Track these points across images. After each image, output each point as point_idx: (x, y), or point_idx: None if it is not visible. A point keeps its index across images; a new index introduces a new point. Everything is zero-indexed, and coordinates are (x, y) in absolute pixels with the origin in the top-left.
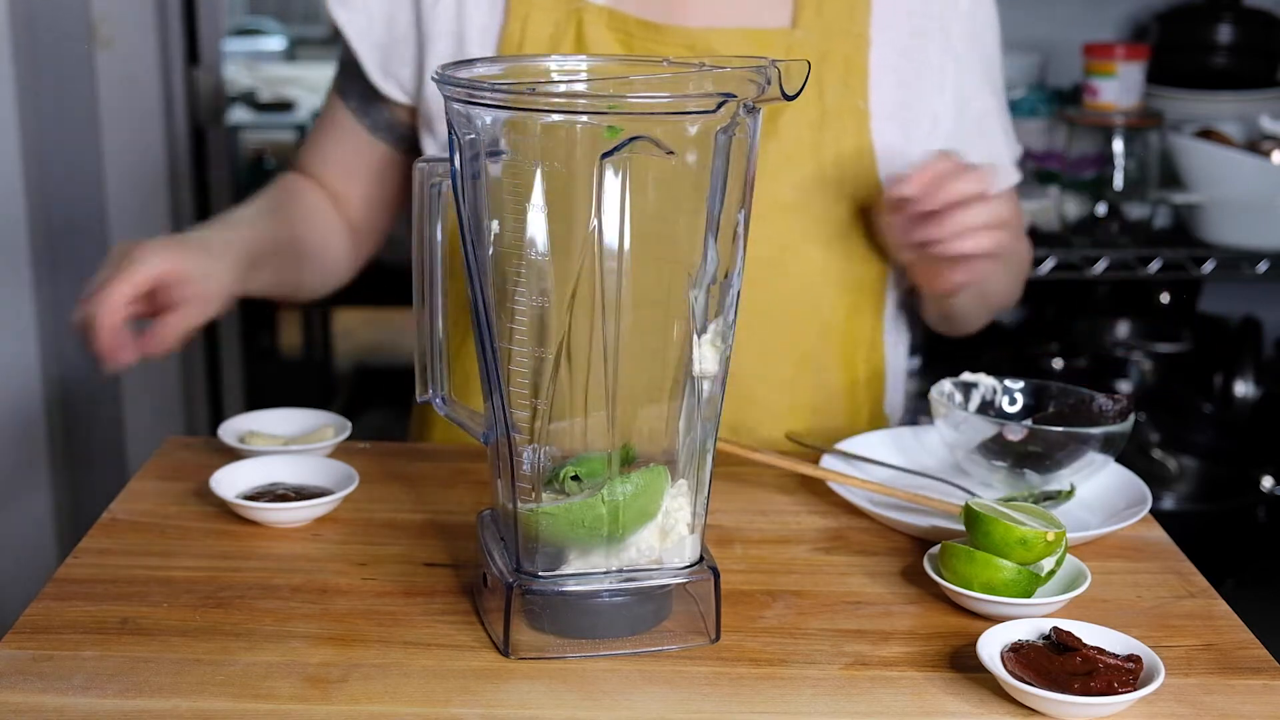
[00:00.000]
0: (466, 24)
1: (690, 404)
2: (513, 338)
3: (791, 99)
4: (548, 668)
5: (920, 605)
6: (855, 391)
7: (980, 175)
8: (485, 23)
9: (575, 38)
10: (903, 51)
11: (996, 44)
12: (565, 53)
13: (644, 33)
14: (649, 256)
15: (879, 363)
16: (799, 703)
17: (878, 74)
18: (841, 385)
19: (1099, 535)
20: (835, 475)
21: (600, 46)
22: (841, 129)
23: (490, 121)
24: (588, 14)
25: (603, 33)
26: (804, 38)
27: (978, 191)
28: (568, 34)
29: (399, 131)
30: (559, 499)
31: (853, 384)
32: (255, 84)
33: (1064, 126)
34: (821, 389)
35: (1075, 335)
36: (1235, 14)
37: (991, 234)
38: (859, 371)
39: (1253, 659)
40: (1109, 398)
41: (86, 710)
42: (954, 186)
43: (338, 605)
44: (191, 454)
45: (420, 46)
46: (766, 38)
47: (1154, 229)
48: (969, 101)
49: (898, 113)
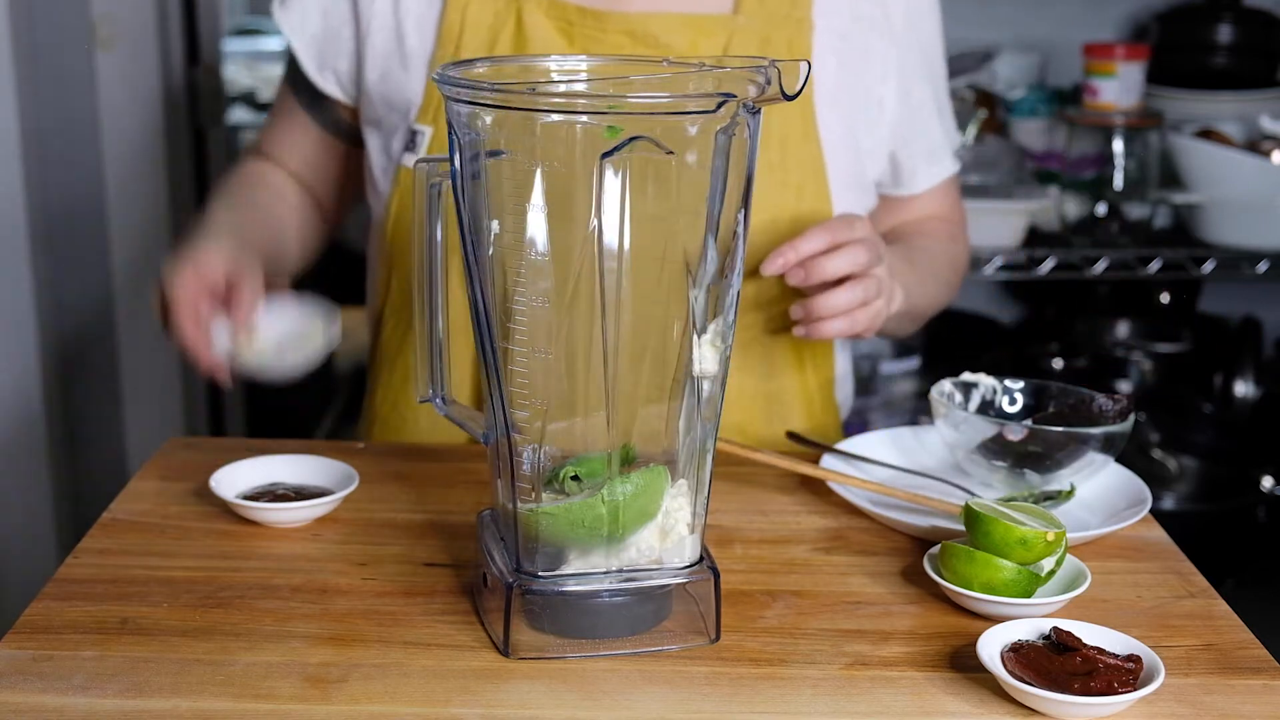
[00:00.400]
0: (403, 15)
1: (690, 404)
2: (513, 338)
3: (791, 99)
4: (548, 668)
5: (920, 605)
6: (807, 389)
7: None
8: (422, 13)
9: (515, 26)
10: (844, 36)
11: (936, 32)
12: (505, 41)
13: (584, 20)
14: (649, 256)
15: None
16: (799, 703)
17: (820, 59)
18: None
19: (1099, 535)
20: (835, 475)
21: (540, 35)
22: (785, 114)
23: (490, 121)
24: (527, 3)
25: (542, 21)
26: (746, 23)
27: (848, 270)
28: (507, 23)
29: (344, 127)
30: (559, 499)
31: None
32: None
33: (1064, 126)
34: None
35: (1075, 335)
36: (1235, 14)
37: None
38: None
39: (1253, 659)
40: (1109, 398)
41: (86, 710)
42: (824, 267)
43: (338, 605)
44: (191, 454)
45: (358, 40)
46: (707, 23)
47: (1154, 229)
48: (909, 90)
49: (841, 98)
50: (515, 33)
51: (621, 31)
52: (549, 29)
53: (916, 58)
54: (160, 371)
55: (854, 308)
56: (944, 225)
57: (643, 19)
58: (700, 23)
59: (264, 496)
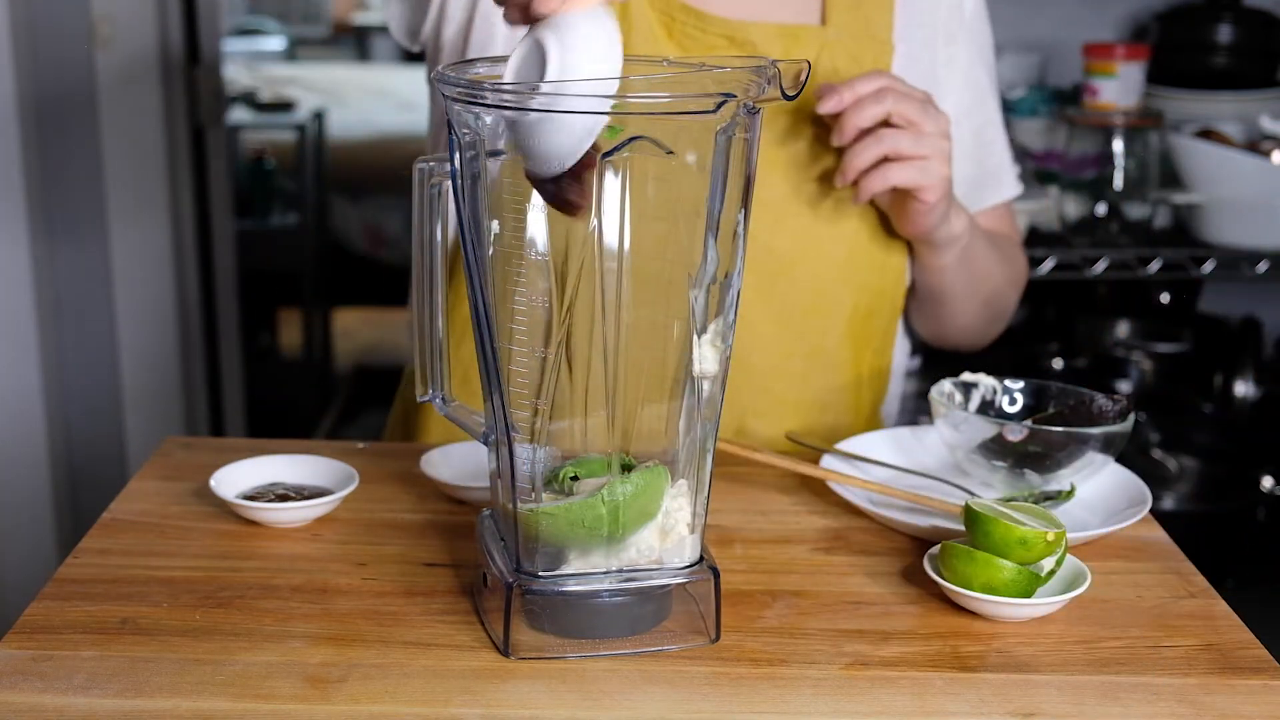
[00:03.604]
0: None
1: (690, 404)
2: (513, 338)
3: (791, 99)
4: (548, 668)
5: (920, 605)
6: (860, 390)
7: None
8: None
9: (620, 12)
10: (916, 60)
11: (993, 55)
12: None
13: (686, 17)
14: (649, 256)
15: (885, 364)
16: (799, 703)
17: None
18: (848, 382)
19: (1099, 535)
20: (835, 475)
21: (644, 24)
22: None
23: (490, 121)
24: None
25: (646, 11)
26: (836, 38)
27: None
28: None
29: None
30: (559, 499)
31: (858, 382)
32: (255, 84)
33: (1064, 126)
34: (830, 386)
35: (1075, 335)
36: (1235, 14)
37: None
38: (864, 370)
39: (1253, 659)
40: (1109, 398)
41: (86, 710)
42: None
43: (338, 605)
44: (191, 454)
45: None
46: (802, 34)
47: (1154, 229)
48: (970, 112)
49: None
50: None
51: (721, 35)
52: (652, 19)
53: (984, 81)
54: (160, 371)
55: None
56: (1006, 241)
57: (743, 26)
58: (795, 33)
59: (264, 496)
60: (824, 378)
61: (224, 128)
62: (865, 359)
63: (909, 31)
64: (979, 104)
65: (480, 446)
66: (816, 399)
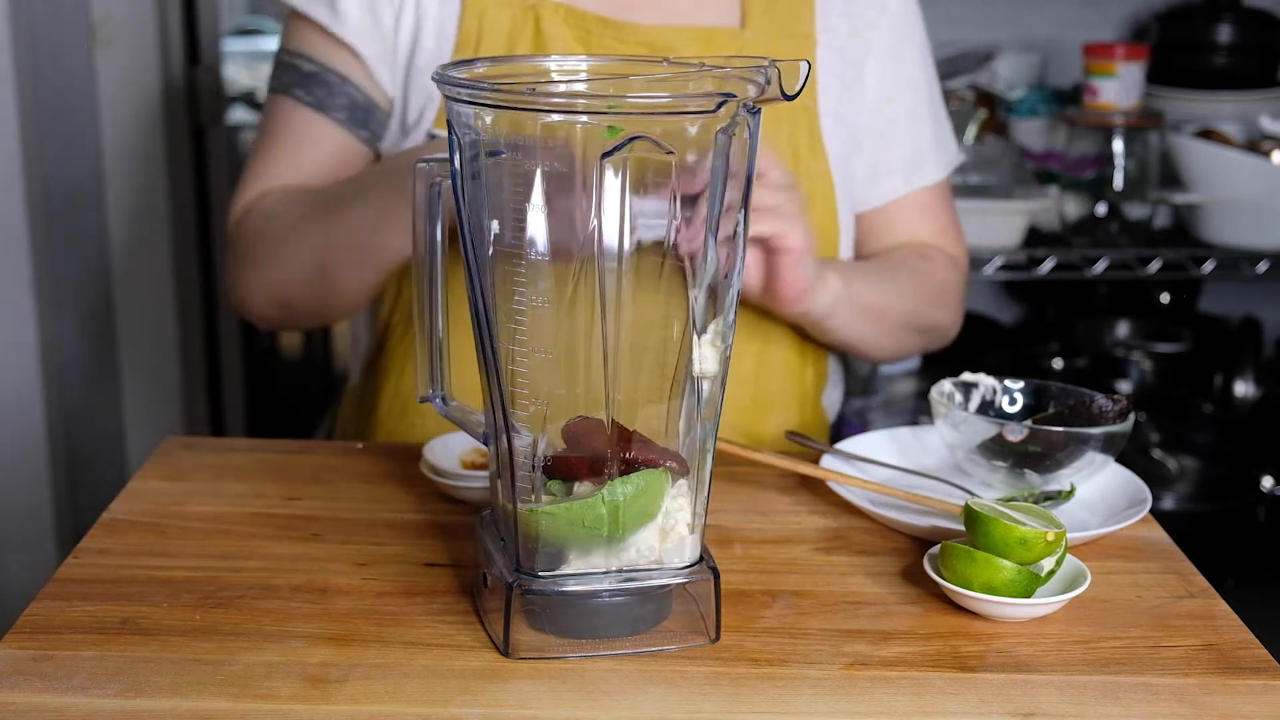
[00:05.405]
0: (423, 18)
1: (690, 404)
2: (513, 338)
3: (791, 99)
4: (548, 668)
5: (920, 605)
6: (804, 391)
7: None
8: (440, 17)
9: (533, 33)
10: (840, 52)
11: (925, 41)
12: (524, 48)
13: (602, 29)
14: (649, 256)
15: (823, 367)
16: (799, 703)
17: (822, 74)
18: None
19: (1099, 535)
20: (835, 475)
21: (558, 42)
22: (794, 125)
23: (490, 121)
24: (545, 10)
25: (560, 29)
26: (754, 38)
27: None
28: (525, 30)
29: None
30: (559, 499)
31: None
32: (255, 84)
33: (1064, 126)
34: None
35: (1075, 335)
36: (1235, 14)
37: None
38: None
39: (1253, 659)
40: (1109, 398)
41: (86, 710)
42: None
43: (338, 605)
44: (191, 454)
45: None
46: (718, 37)
47: (1154, 229)
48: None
49: (839, 111)
50: (534, 39)
51: (639, 43)
52: (567, 37)
53: (913, 70)
54: (160, 371)
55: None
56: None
57: (660, 32)
58: (711, 36)
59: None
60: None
61: (224, 128)
62: (807, 362)
63: (832, 22)
64: (903, 90)
65: None
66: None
